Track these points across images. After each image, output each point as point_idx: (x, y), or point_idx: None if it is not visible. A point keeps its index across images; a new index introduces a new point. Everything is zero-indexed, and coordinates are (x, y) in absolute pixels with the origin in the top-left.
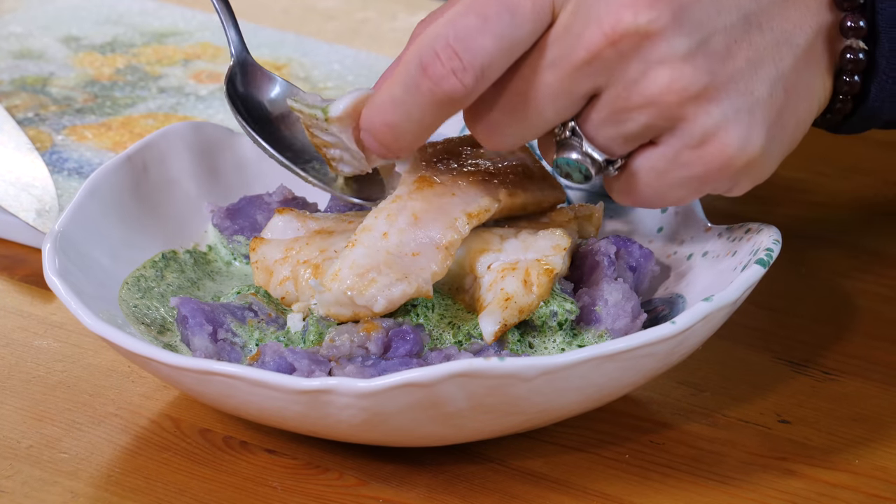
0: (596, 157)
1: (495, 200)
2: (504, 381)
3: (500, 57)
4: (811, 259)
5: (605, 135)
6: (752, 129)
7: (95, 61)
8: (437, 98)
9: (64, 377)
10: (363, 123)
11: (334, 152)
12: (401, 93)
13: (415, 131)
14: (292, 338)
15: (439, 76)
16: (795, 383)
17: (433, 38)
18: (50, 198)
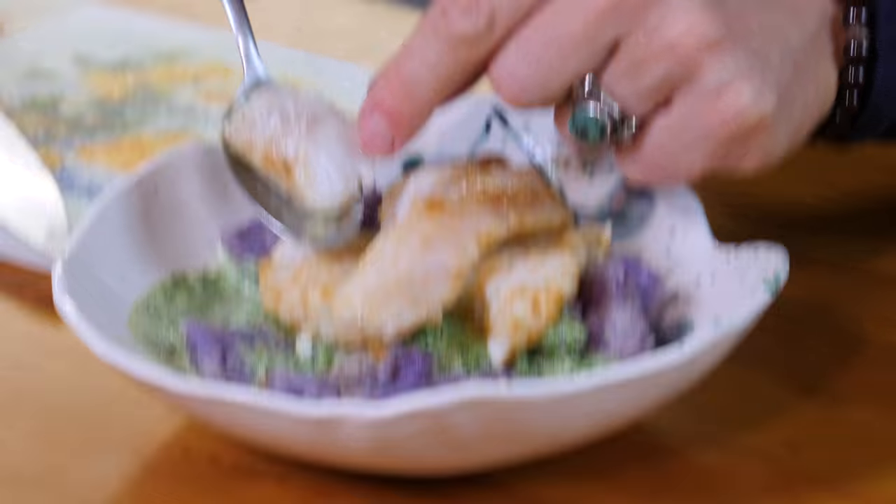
0: (613, 109)
1: (505, 224)
2: (514, 406)
3: (511, 3)
4: (819, 283)
5: (623, 87)
6: (764, 86)
7: (106, 81)
8: (451, 38)
9: (72, 402)
10: (371, 97)
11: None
12: (419, 38)
13: (429, 83)
14: (301, 363)
15: (456, 15)
16: (804, 409)
17: None
18: (60, 220)
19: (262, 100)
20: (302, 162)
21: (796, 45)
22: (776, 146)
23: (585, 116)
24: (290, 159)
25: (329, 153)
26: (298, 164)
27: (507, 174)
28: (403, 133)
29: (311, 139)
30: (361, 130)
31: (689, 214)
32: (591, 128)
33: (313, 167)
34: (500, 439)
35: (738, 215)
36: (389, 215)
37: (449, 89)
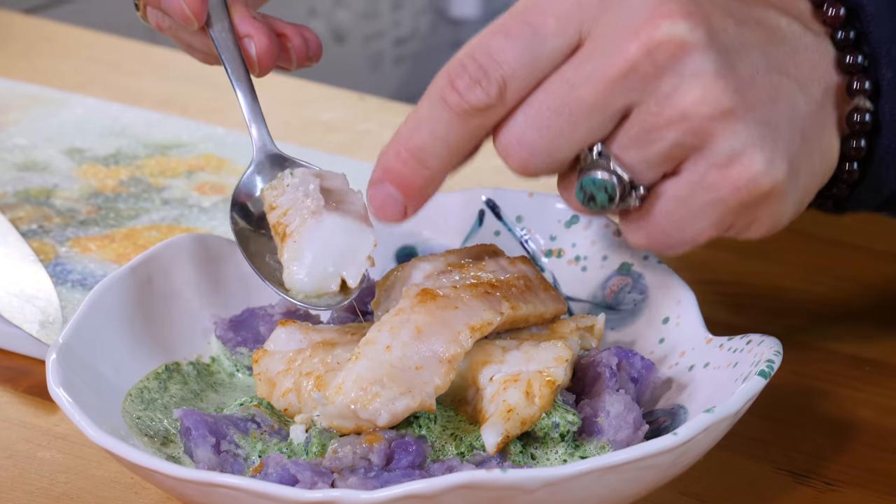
0: (623, 176)
1: (498, 313)
2: (507, 492)
3: (523, 70)
4: (810, 370)
5: (632, 155)
6: (775, 155)
7: (99, 173)
8: (462, 109)
9: (67, 489)
10: (381, 167)
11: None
12: (427, 110)
13: (441, 153)
14: (295, 449)
15: (465, 86)
16: (797, 494)
17: (460, 55)
18: (53, 309)
19: (301, 171)
20: (295, 238)
21: (803, 113)
22: (784, 214)
23: (593, 183)
24: (289, 231)
25: (323, 244)
26: (290, 240)
27: (500, 264)
28: (416, 201)
29: (314, 223)
30: (373, 198)
31: (683, 304)
32: (599, 195)
33: (301, 248)
34: None
35: (732, 304)
36: (382, 305)
37: (459, 157)
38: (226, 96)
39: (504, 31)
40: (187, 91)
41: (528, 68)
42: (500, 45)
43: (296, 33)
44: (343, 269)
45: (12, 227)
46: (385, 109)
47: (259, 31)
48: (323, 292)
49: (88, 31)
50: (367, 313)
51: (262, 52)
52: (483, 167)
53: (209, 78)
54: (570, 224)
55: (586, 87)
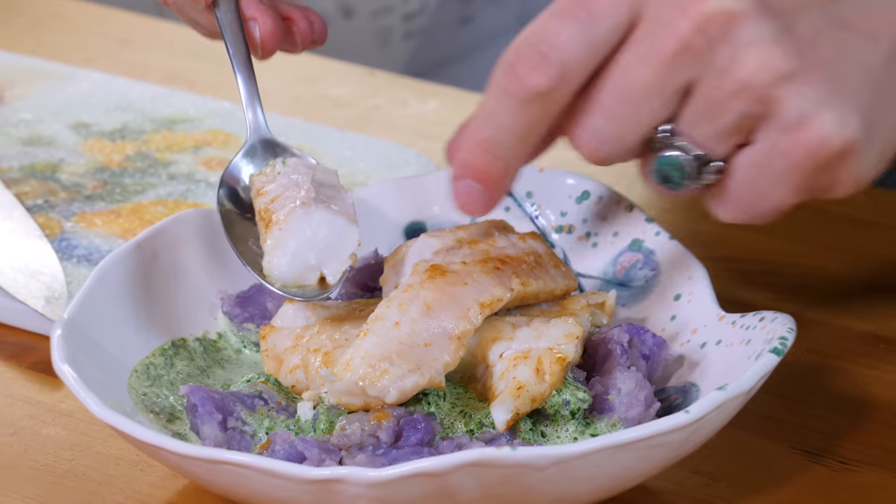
0: (695, 150)
1: (508, 289)
2: (516, 470)
3: (581, 51)
4: (825, 347)
5: (701, 131)
6: (845, 112)
7: (105, 148)
8: (524, 95)
9: (72, 466)
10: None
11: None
12: (491, 102)
13: (509, 143)
14: (303, 426)
15: (524, 71)
16: (812, 473)
17: (516, 43)
18: (59, 285)
19: (294, 161)
20: (281, 227)
21: (875, 66)
22: (865, 170)
23: (666, 163)
24: (275, 219)
25: (308, 236)
26: (276, 227)
27: (510, 240)
28: (497, 191)
29: (302, 213)
30: (456, 194)
31: (695, 280)
32: (674, 173)
33: (284, 237)
34: (503, 503)
35: (744, 280)
36: (391, 281)
37: (530, 146)
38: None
39: (559, 14)
40: (194, 66)
41: (585, 50)
42: (556, 28)
43: (302, 17)
44: (324, 263)
45: (17, 201)
46: (394, 84)
47: (264, 14)
48: (301, 283)
49: (95, 5)
50: (376, 289)
51: (265, 35)
52: None
53: (216, 53)
54: (581, 200)
55: (643, 69)
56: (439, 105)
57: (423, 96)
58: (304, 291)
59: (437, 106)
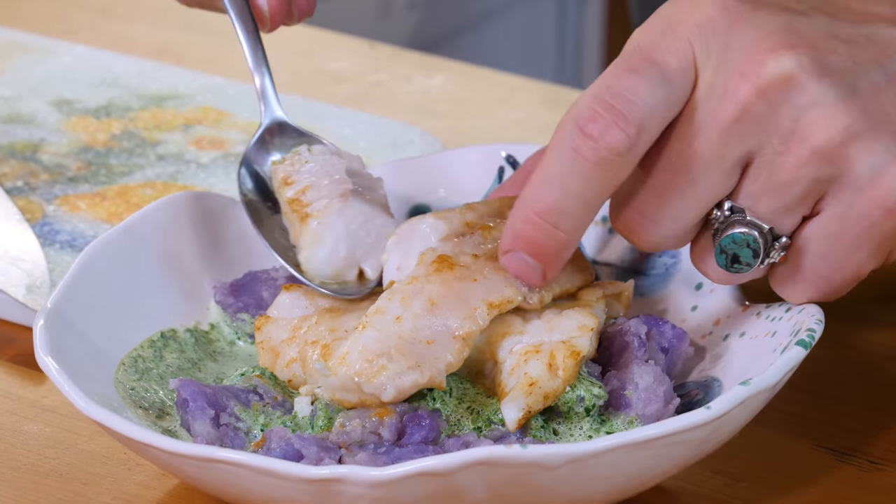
0: (762, 225)
1: (520, 293)
2: (527, 469)
3: (657, 109)
4: (855, 340)
5: (766, 204)
6: None
7: (89, 126)
8: (600, 157)
9: (56, 465)
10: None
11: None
12: (556, 166)
13: (575, 212)
14: (300, 423)
15: (600, 130)
16: (839, 473)
17: (588, 98)
18: (41, 272)
19: (320, 148)
20: (319, 220)
21: None
22: None
23: (733, 241)
24: (310, 210)
25: (347, 230)
26: (313, 220)
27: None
28: (554, 265)
29: (341, 207)
30: (507, 265)
31: None
32: (743, 252)
33: (323, 231)
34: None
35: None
36: (393, 262)
37: (595, 213)
38: (225, 44)
39: (630, 68)
40: (184, 38)
41: (662, 107)
42: (632, 83)
43: None
44: (363, 258)
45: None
46: (396, 58)
47: None
48: (341, 279)
49: None
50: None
51: (274, 6)
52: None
53: (207, 25)
54: None
55: (700, 139)
56: (445, 80)
57: (427, 71)
58: (345, 288)
59: (443, 81)
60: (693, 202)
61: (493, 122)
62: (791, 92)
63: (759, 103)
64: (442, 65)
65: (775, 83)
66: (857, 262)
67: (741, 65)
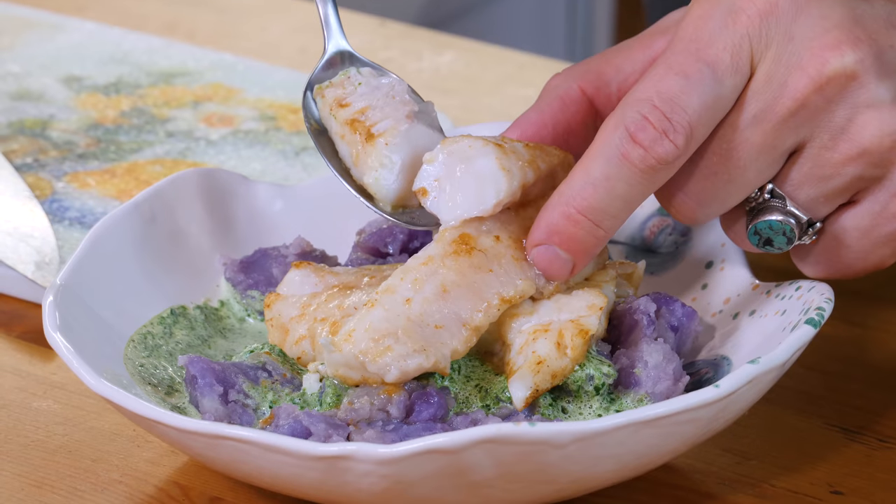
0: (800, 216)
1: (534, 287)
2: (535, 447)
3: (707, 114)
4: (865, 319)
5: (806, 192)
6: None
7: (99, 103)
8: (648, 165)
9: (65, 441)
10: (546, 227)
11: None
12: (604, 168)
13: (617, 213)
14: (308, 400)
15: (651, 140)
16: (849, 452)
17: (636, 103)
18: (50, 249)
19: (369, 70)
20: (387, 141)
21: None
22: None
23: (770, 227)
24: (376, 131)
25: (413, 153)
26: (381, 140)
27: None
28: (586, 260)
29: (407, 128)
30: (538, 259)
31: (727, 247)
32: (777, 238)
33: (391, 153)
34: (521, 482)
35: None
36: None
37: (633, 212)
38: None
39: (681, 72)
40: (194, 14)
41: (711, 111)
42: (682, 88)
43: None
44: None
45: (6, 160)
46: (408, 36)
47: None
48: (405, 204)
49: None
50: (388, 255)
51: None
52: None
53: (217, 1)
54: None
55: (754, 129)
56: (455, 57)
57: (437, 48)
58: (413, 217)
59: (453, 58)
60: (740, 187)
61: (503, 99)
62: (850, 90)
63: (817, 99)
64: (452, 42)
65: (836, 80)
66: (881, 257)
67: (803, 59)
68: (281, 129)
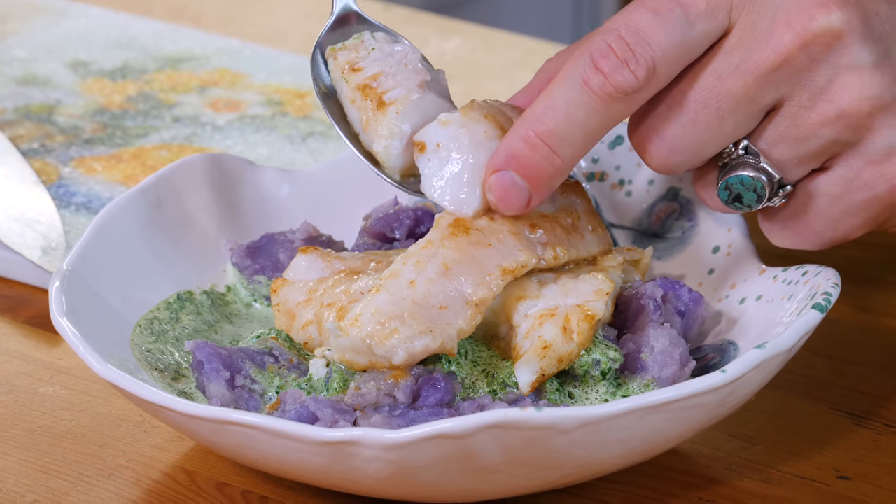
0: (773, 174)
1: (535, 256)
2: (541, 432)
3: (673, 53)
4: (872, 303)
5: (782, 153)
6: None
7: (105, 88)
8: (606, 93)
9: (71, 427)
10: (504, 152)
11: (392, 90)
12: (564, 92)
13: (575, 141)
14: (315, 385)
15: (611, 67)
16: (855, 437)
17: (604, 32)
18: (56, 234)
19: (383, 36)
20: (398, 109)
21: None
22: None
23: (741, 182)
24: (387, 98)
25: (424, 122)
26: (392, 108)
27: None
28: (542, 190)
29: (419, 97)
30: (494, 186)
31: (734, 231)
32: (747, 194)
33: (402, 122)
34: (527, 467)
35: None
36: (437, 138)
37: (593, 144)
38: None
39: (653, 8)
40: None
41: (678, 50)
42: (649, 23)
43: None
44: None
45: (12, 145)
46: (413, 20)
47: None
48: (413, 173)
49: None
50: (394, 240)
51: None
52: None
53: None
54: (614, 146)
55: (735, 79)
56: (461, 43)
57: (444, 33)
58: (414, 183)
59: (459, 44)
60: (716, 137)
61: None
62: (834, 50)
63: (801, 56)
64: (458, 27)
65: (821, 38)
66: (850, 226)
67: (790, 13)
68: (287, 114)
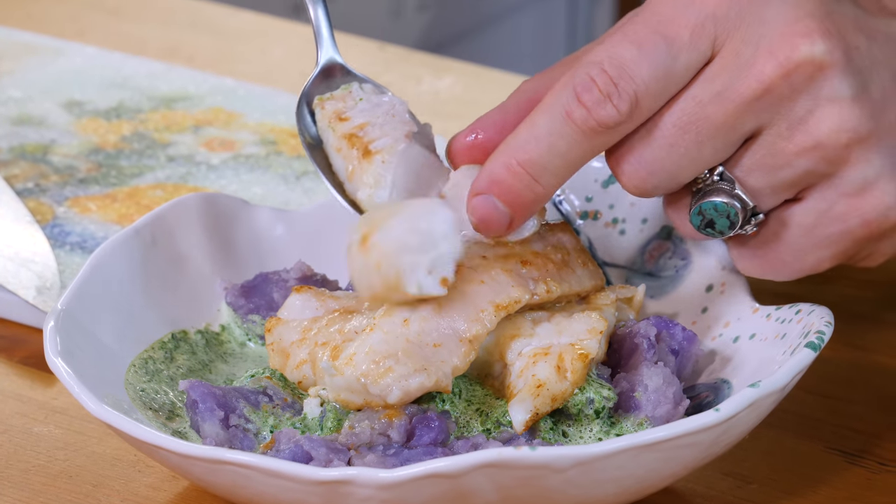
0: (747, 200)
1: (528, 291)
2: (536, 471)
3: (656, 86)
4: (866, 341)
5: (756, 180)
6: None
7: (100, 128)
8: (589, 127)
9: (66, 466)
10: (487, 177)
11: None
12: (546, 123)
13: (557, 170)
14: (309, 424)
15: (594, 102)
16: (849, 475)
17: (588, 65)
18: (51, 274)
19: (371, 87)
20: (384, 158)
21: None
22: None
23: (714, 208)
24: (374, 148)
25: (408, 172)
26: (378, 158)
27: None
28: (522, 215)
29: (405, 148)
30: (476, 209)
31: (727, 270)
32: (720, 220)
33: (387, 170)
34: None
35: None
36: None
37: (573, 173)
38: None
39: (636, 41)
40: (194, 39)
41: (661, 83)
42: (633, 57)
43: None
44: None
45: (7, 185)
46: (407, 59)
47: None
48: None
49: None
50: None
51: None
52: None
53: (217, 25)
54: (608, 184)
55: (716, 106)
56: (455, 81)
57: (437, 72)
58: None
59: (453, 82)
60: (694, 162)
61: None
62: (816, 81)
63: (783, 85)
64: (452, 66)
65: (803, 68)
66: (819, 259)
67: (773, 42)
68: (282, 153)
